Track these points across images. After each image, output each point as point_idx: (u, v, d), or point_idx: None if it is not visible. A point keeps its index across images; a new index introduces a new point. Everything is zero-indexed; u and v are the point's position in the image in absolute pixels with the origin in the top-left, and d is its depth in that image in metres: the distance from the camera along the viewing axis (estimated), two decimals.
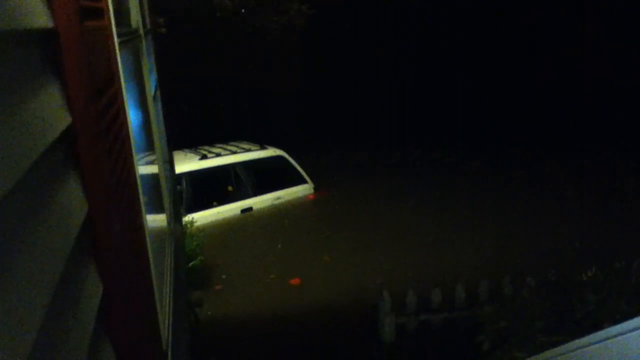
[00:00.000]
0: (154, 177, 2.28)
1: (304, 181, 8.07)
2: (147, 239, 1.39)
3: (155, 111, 2.77)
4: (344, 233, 6.72)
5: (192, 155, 7.47)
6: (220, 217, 7.13)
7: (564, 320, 3.27)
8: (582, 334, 2.32)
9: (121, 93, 1.18)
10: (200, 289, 5.10)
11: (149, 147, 2.28)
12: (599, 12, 10.75)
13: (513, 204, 7.32)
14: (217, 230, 6.80)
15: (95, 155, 0.82)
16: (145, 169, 1.85)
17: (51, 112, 0.70)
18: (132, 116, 1.46)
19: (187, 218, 6.06)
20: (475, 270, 5.17)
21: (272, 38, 10.59)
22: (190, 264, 5.11)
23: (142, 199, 1.38)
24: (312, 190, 8.11)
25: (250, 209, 7.45)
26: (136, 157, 1.35)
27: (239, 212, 7.35)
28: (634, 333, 1.83)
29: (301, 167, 8.10)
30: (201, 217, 6.59)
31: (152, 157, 2.35)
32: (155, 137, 2.56)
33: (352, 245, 6.31)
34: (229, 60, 10.42)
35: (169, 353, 1.54)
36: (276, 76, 10.93)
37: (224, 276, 5.70)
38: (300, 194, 8.00)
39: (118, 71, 1.15)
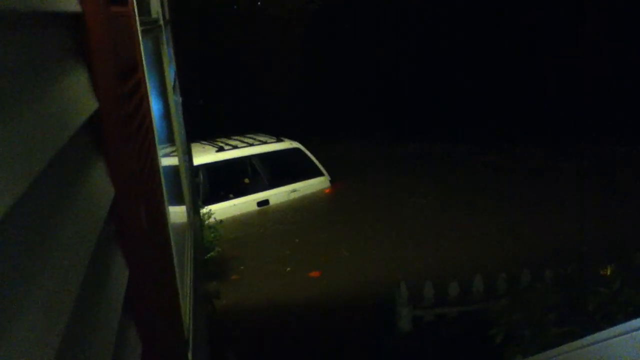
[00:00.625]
0: (174, 166, 2.30)
1: (320, 174, 8.05)
2: (169, 226, 1.39)
3: (175, 102, 2.78)
4: (361, 226, 6.70)
5: (210, 147, 7.51)
6: (237, 209, 7.16)
7: (576, 312, 3.24)
8: (594, 326, 2.28)
9: (144, 80, 1.18)
10: (217, 280, 5.14)
11: (170, 136, 2.29)
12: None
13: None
14: (234, 223, 6.83)
15: (121, 140, 0.82)
16: (166, 158, 1.86)
17: (79, 96, 0.69)
18: (154, 105, 1.46)
19: (205, 210, 6.11)
20: (490, 264, 5.15)
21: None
22: (208, 256, 5.14)
23: (164, 187, 1.39)
24: (328, 184, 8.10)
25: (267, 202, 7.46)
26: (158, 145, 1.35)
27: (255, 204, 7.37)
28: None
29: None
30: (218, 209, 6.63)
31: (173, 147, 2.36)
32: (175, 127, 2.57)
33: (369, 239, 6.29)
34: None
35: (190, 340, 1.55)
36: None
37: (241, 267, 5.73)
38: (316, 187, 7.99)
39: (141, 58, 1.15)
